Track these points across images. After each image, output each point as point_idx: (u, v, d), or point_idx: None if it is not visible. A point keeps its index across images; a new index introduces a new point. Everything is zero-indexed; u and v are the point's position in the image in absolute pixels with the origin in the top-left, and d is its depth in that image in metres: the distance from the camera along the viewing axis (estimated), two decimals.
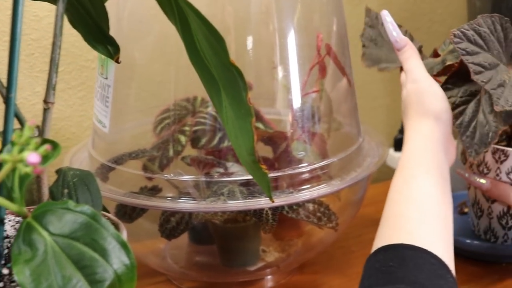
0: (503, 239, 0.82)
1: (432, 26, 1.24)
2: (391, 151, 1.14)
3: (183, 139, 0.77)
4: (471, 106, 0.71)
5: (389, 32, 0.72)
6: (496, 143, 0.75)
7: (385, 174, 0.98)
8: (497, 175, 0.77)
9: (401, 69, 0.74)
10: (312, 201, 0.73)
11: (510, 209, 0.79)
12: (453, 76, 0.72)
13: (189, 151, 0.79)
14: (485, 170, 0.78)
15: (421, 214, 0.58)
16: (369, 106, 1.19)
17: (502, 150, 0.76)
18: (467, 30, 0.67)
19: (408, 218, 0.58)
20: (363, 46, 0.85)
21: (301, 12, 0.81)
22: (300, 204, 0.73)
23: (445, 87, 0.71)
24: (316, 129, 0.81)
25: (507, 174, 0.77)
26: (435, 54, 0.80)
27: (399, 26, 0.74)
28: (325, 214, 0.74)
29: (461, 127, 0.71)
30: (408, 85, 0.70)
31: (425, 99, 0.68)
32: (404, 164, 0.64)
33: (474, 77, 0.66)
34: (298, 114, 0.81)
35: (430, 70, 0.73)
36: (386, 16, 0.74)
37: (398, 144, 1.13)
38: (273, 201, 0.59)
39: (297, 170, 0.73)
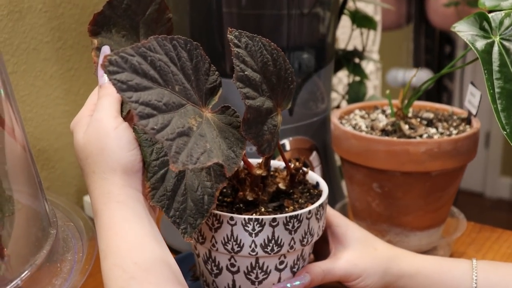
0: None
1: None
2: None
3: None
4: None
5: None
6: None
7: None
8: (213, 245, 0.61)
9: None
10: None
11: (235, 284, 0.64)
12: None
13: None
14: (201, 239, 0.62)
15: None
16: (53, 147, 0.94)
17: (215, 215, 0.60)
18: (132, 55, 0.47)
19: None
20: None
21: None
22: None
23: None
24: None
25: (224, 244, 0.61)
26: None
27: None
28: None
29: (164, 200, 0.53)
30: (87, 128, 0.53)
31: (107, 146, 0.52)
32: (110, 251, 0.50)
33: (140, 123, 0.46)
34: None
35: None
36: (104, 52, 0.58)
37: None
38: None
39: None
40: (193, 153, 0.47)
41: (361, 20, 1.08)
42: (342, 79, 1.47)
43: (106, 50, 0.59)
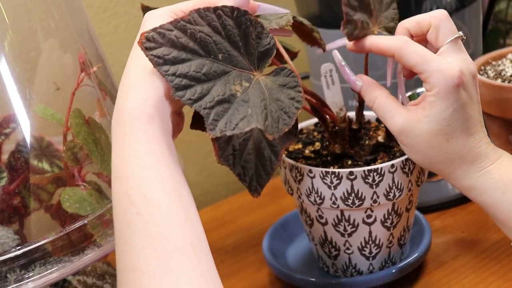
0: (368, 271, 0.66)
1: None
2: None
3: None
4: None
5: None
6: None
7: None
8: (299, 196, 0.63)
9: None
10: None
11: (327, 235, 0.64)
12: None
13: None
14: (289, 190, 0.65)
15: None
16: None
17: (297, 168, 0.62)
18: (170, 30, 0.48)
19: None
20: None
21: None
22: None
23: None
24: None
25: (307, 196, 0.62)
26: None
27: None
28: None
29: (231, 158, 0.55)
30: None
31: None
32: (124, 173, 0.47)
33: (176, 94, 0.47)
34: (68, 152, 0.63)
35: None
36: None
37: None
38: None
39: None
40: (232, 119, 0.48)
41: None
42: None
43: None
